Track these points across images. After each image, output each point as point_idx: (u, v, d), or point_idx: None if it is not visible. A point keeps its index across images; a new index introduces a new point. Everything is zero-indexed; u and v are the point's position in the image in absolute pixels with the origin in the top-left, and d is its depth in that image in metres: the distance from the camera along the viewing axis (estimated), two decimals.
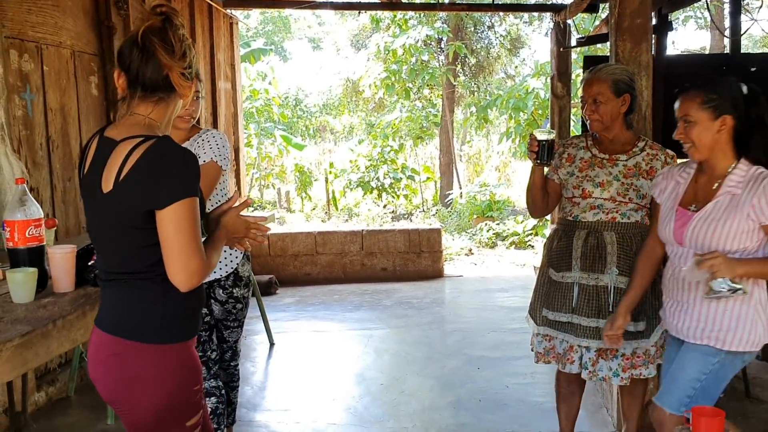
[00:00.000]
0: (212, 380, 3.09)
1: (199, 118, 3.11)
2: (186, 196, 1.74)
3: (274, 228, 8.06)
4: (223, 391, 3.13)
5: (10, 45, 3.78)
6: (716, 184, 2.34)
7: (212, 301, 3.07)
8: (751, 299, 2.31)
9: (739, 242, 2.26)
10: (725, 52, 6.78)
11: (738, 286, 2.21)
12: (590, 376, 2.85)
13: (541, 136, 2.76)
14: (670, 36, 5.99)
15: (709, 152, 2.32)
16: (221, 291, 3.07)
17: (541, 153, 2.75)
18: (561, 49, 6.79)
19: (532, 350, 3.07)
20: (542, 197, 2.96)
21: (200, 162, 2.92)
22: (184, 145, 2.91)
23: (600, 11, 6.50)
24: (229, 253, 3.07)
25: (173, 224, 1.73)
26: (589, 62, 5.91)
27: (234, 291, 3.11)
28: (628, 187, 2.79)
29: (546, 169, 2.93)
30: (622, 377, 2.81)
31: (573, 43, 6.86)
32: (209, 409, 3.07)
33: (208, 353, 3.06)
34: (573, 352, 2.86)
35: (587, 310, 2.79)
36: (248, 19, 18.02)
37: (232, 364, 3.31)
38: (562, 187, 2.95)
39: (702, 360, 2.35)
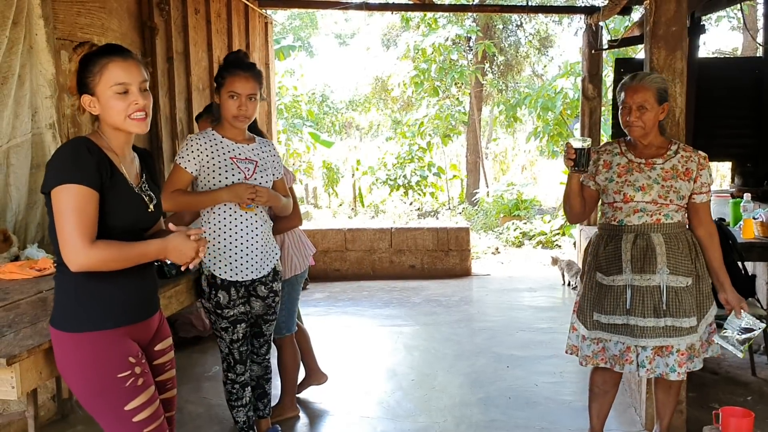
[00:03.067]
0: (249, 372, 3.25)
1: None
2: (63, 182, 1.92)
3: (305, 224, 8.18)
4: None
5: (61, 46, 3.93)
6: None
7: (252, 298, 3.18)
8: (283, 244, 3.55)
9: None
10: (758, 54, 6.76)
11: None
12: (648, 373, 2.89)
13: (577, 144, 2.82)
14: (703, 37, 5.98)
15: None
16: (263, 287, 3.18)
17: (578, 160, 2.81)
18: (593, 51, 6.81)
19: (567, 352, 3.14)
20: (580, 203, 3.02)
21: (275, 177, 3.18)
22: (252, 147, 3.07)
23: (632, 13, 6.52)
24: (270, 251, 3.18)
25: (55, 207, 1.94)
26: (621, 65, 5.95)
27: (273, 285, 3.22)
28: (668, 189, 2.87)
29: (582, 177, 3.01)
30: (678, 372, 2.85)
31: (604, 44, 6.88)
32: (246, 399, 3.22)
33: (242, 348, 3.18)
34: (630, 352, 2.90)
35: (643, 310, 2.85)
36: (275, 15, 18.16)
37: (266, 357, 3.42)
38: (602, 193, 3.02)
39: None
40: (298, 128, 13.96)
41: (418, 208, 13.12)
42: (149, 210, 2.18)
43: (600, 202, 3.08)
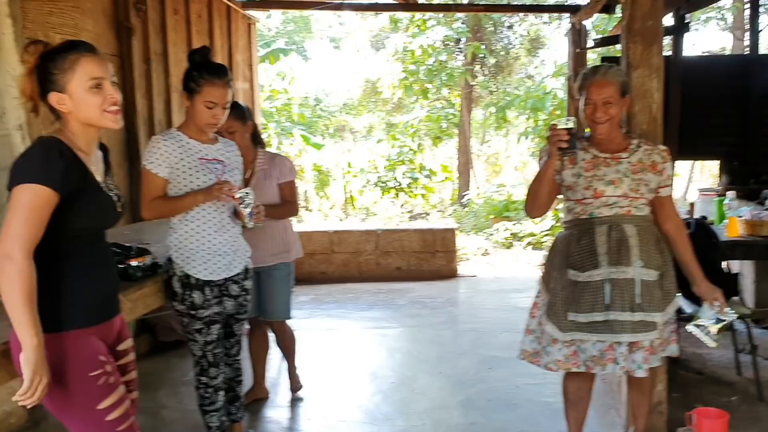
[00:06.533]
0: (222, 375, 3.18)
1: None
2: (28, 181, 1.88)
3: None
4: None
5: None
6: None
7: (225, 298, 3.12)
8: (286, 229, 3.88)
9: None
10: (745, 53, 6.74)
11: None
12: (620, 370, 2.81)
13: (562, 125, 2.70)
14: (692, 37, 5.98)
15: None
16: (235, 286, 3.12)
17: (572, 141, 2.68)
18: (577, 51, 6.77)
19: (520, 357, 3.08)
20: (549, 193, 2.88)
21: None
22: (217, 147, 3.03)
23: (616, 12, 6.48)
24: (241, 249, 3.13)
25: (12, 203, 1.89)
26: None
27: (245, 284, 3.17)
28: (638, 182, 2.79)
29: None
30: (643, 368, 2.78)
31: (590, 43, 6.84)
32: (219, 404, 3.15)
33: (216, 351, 3.11)
34: (612, 350, 2.79)
35: (621, 305, 2.73)
36: (269, 19, 18.09)
37: (237, 358, 3.37)
38: (568, 191, 2.90)
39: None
40: (288, 131, 13.89)
41: (410, 211, 13.07)
42: (117, 210, 2.16)
43: (565, 200, 2.94)
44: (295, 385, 4.19)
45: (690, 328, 2.81)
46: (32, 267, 1.88)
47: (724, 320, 2.71)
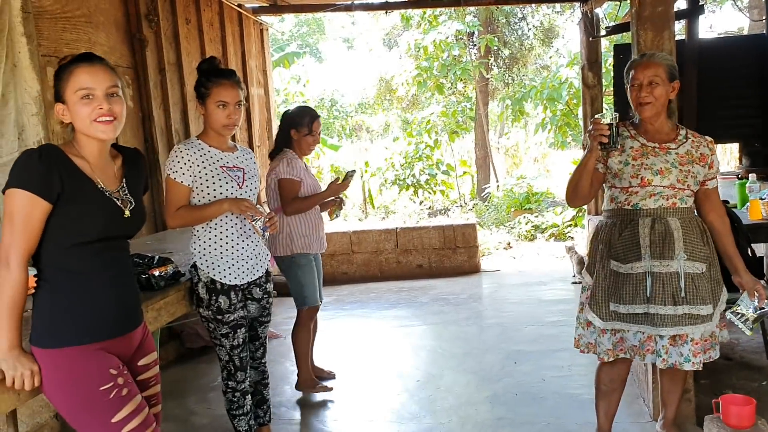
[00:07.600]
0: (249, 379, 3.21)
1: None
2: (7, 187, 1.93)
3: None
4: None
5: (47, 63, 3.92)
6: None
7: (248, 301, 3.15)
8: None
9: None
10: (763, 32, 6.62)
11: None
12: (663, 363, 2.79)
13: (606, 120, 2.70)
14: (709, 19, 5.88)
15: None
16: (258, 289, 3.16)
17: (613, 137, 2.68)
18: (590, 39, 6.72)
19: (582, 351, 3.03)
20: (590, 185, 2.87)
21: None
22: (237, 155, 3.07)
23: None
24: (262, 252, 3.17)
25: (3, 209, 1.94)
26: (620, 51, 5.85)
27: (267, 286, 3.21)
28: (686, 174, 2.78)
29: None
30: (693, 362, 2.75)
31: (603, 31, 6.78)
32: (248, 408, 3.18)
33: (242, 354, 3.14)
34: (651, 341, 2.80)
35: (663, 298, 2.74)
36: (283, 23, 18.16)
37: (263, 361, 3.40)
38: (614, 178, 2.88)
39: None
40: None
41: (429, 207, 13.04)
42: (125, 215, 2.13)
43: (610, 187, 2.93)
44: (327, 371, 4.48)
45: (729, 315, 2.82)
46: (24, 277, 1.93)
47: (764, 310, 2.73)
